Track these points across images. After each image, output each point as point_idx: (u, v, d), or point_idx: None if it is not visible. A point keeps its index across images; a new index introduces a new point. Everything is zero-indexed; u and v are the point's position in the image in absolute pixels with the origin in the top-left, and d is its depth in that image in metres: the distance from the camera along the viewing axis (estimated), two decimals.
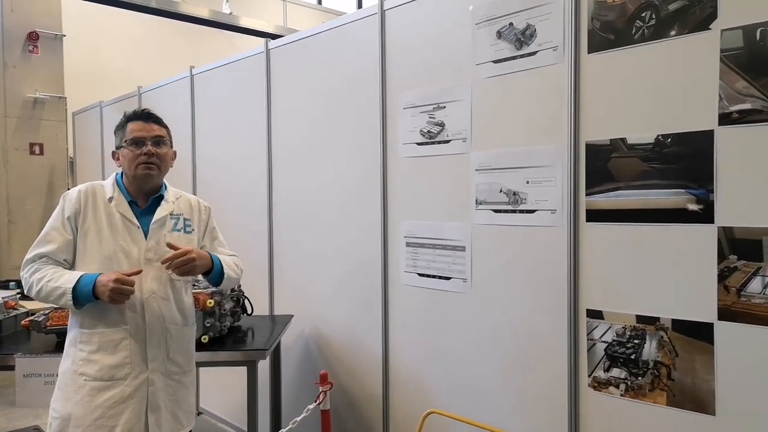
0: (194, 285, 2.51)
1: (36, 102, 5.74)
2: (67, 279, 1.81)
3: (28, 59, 5.71)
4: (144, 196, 1.98)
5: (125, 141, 1.95)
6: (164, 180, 2.06)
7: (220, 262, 2.00)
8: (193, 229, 2.05)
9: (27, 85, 5.70)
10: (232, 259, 2.13)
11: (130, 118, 1.99)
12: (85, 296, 1.80)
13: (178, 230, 2.00)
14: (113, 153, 2.02)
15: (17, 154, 5.68)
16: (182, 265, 1.84)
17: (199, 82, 3.88)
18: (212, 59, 3.82)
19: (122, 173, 2.00)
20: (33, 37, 5.69)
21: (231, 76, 3.59)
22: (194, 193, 3.41)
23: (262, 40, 3.37)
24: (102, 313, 1.86)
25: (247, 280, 3.04)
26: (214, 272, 1.97)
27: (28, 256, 1.90)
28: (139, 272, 1.85)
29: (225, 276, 2.01)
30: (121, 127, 1.99)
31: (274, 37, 5.65)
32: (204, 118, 3.85)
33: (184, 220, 2.03)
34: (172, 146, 2.06)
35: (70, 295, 1.78)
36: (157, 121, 2.02)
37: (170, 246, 1.88)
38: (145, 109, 2.03)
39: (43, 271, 1.84)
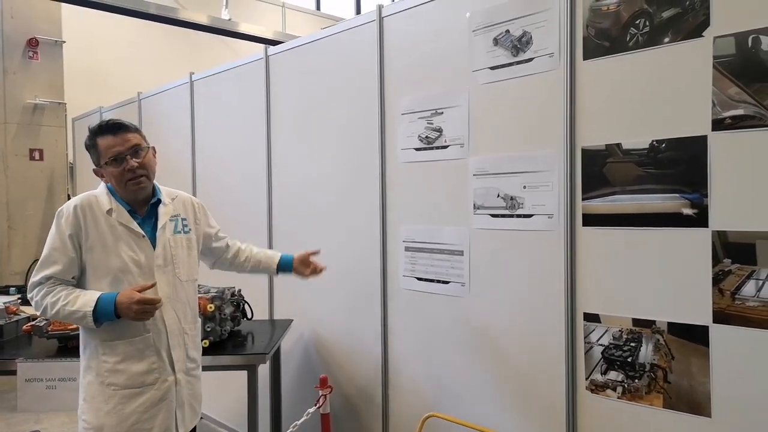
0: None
1: (36, 108, 5.77)
2: (84, 302, 1.81)
3: (28, 65, 5.74)
4: (141, 204, 1.98)
5: (105, 161, 1.88)
6: (154, 182, 2.04)
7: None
8: (190, 229, 2.08)
9: (27, 90, 5.74)
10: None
11: (96, 133, 1.89)
12: (105, 316, 1.81)
13: (179, 232, 2.02)
14: (95, 171, 1.95)
15: (17, 160, 5.71)
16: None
17: (198, 88, 3.90)
18: (212, 65, 3.85)
19: None
20: (33, 43, 5.72)
21: (230, 82, 3.62)
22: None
23: (261, 46, 3.39)
24: (123, 325, 1.87)
25: (247, 284, 3.07)
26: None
27: (35, 278, 1.87)
28: (153, 285, 1.87)
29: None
30: (92, 146, 1.90)
31: (272, 42, 5.68)
32: (204, 123, 3.88)
33: (182, 220, 2.06)
34: (149, 144, 1.98)
35: (91, 318, 1.80)
36: (127, 128, 1.91)
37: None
38: (109, 121, 1.92)
39: (56, 294, 1.83)
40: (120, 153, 1.87)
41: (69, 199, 1.97)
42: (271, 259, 2.37)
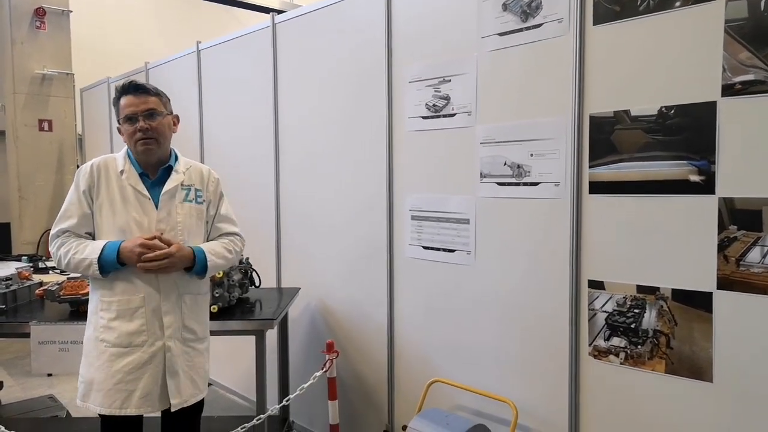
0: None
1: (44, 78, 5.77)
2: (91, 250, 1.88)
3: (36, 35, 5.72)
4: (153, 168, 2.01)
5: (121, 118, 1.98)
6: (174, 149, 2.08)
7: (203, 254, 1.98)
8: (203, 200, 2.08)
9: (35, 61, 5.73)
10: (223, 242, 2.10)
11: (121, 92, 1.98)
12: (110, 264, 1.87)
13: (189, 201, 2.03)
14: (118, 128, 2.05)
15: (26, 131, 5.73)
16: (157, 262, 1.86)
17: (205, 57, 3.89)
18: (217, 35, 3.83)
19: None
20: (40, 13, 5.69)
21: (238, 50, 3.60)
22: None
23: (267, 16, 3.37)
24: (119, 283, 1.92)
25: (255, 253, 3.10)
26: (195, 268, 1.96)
27: (53, 231, 1.96)
28: (155, 237, 1.88)
29: (209, 268, 1.99)
30: (116, 102, 2.00)
31: (279, 12, 5.62)
32: (211, 92, 3.87)
33: (196, 190, 2.06)
34: (171, 111, 2.04)
35: (97, 265, 1.86)
36: (147, 91, 1.97)
37: (160, 239, 1.88)
38: (132, 81, 1.99)
39: (68, 245, 1.91)
40: (134, 113, 1.94)
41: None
42: None
